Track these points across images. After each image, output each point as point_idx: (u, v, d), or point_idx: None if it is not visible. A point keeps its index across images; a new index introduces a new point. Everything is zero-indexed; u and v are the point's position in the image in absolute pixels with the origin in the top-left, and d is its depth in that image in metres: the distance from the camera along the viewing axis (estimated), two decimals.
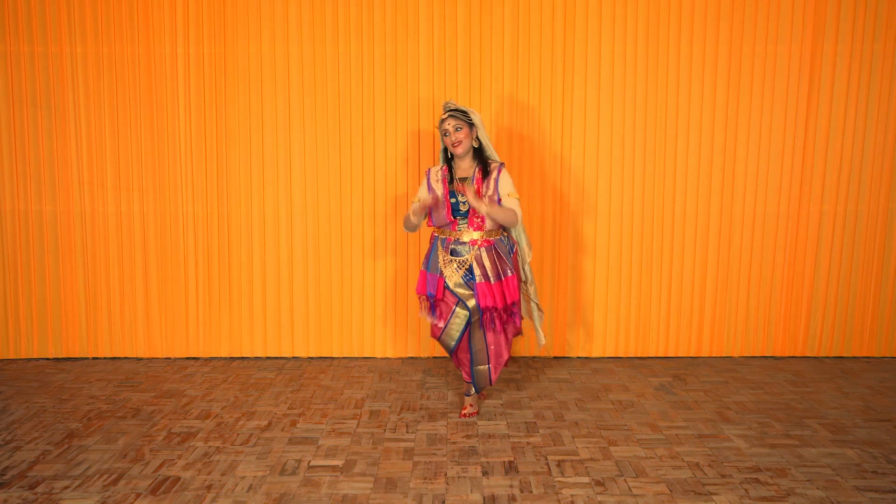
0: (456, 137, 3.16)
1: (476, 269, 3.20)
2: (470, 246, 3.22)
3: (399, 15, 4.09)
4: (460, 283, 3.22)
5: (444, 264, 3.25)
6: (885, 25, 4.09)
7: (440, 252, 3.27)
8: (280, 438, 3.08)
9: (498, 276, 3.21)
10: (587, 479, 2.67)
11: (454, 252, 3.24)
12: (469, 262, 3.21)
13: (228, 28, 4.10)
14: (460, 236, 3.22)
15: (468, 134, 3.18)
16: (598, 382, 3.88)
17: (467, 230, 3.22)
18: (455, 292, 3.23)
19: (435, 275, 3.27)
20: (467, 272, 3.22)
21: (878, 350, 4.37)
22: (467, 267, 3.21)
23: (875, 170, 4.21)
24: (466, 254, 3.22)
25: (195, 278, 4.26)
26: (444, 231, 3.28)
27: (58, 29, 4.08)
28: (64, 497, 2.53)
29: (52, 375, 3.98)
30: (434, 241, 3.33)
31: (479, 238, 3.21)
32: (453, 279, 3.23)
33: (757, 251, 4.27)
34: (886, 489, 2.60)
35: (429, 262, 3.31)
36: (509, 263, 3.26)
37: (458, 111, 3.16)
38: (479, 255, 3.21)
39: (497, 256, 3.23)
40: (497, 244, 3.25)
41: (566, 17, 4.10)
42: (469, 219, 3.21)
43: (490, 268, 3.20)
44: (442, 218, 3.23)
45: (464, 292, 3.23)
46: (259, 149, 4.18)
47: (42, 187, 4.18)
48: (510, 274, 3.24)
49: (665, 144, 4.18)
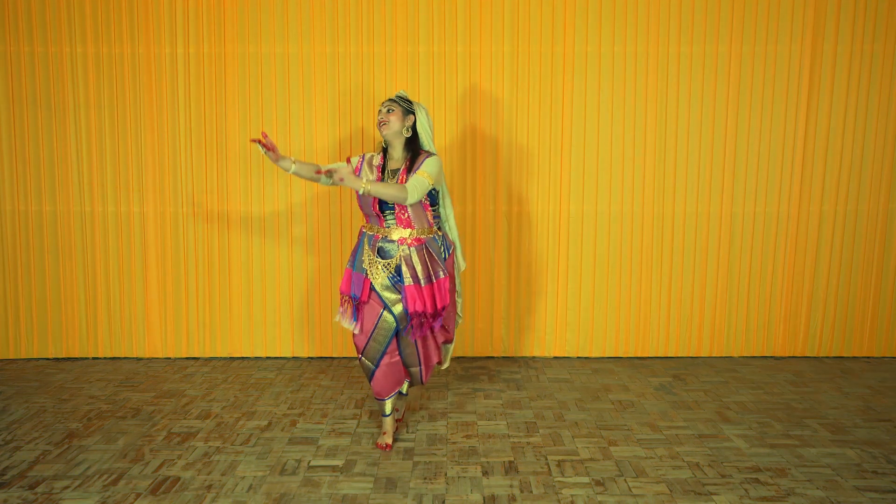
0: (384, 117, 2.93)
1: (404, 269, 2.93)
2: (398, 245, 2.95)
3: (399, 15, 4.09)
4: (387, 286, 2.96)
5: (369, 264, 2.97)
6: (885, 25, 4.09)
7: (366, 250, 3.00)
8: (280, 438, 3.08)
9: (429, 278, 2.95)
10: (587, 479, 2.67)
11: (381, 252, 2.97)
12: (396, 262, 2.95)
13: (227, 28, 4.10)
14: (389, 234, 2.96)
15: (400, 118, 2.93)
16: (598, 382, 3.88)
17: (396, 227, 2.95)
18: (381, 295, 2.97)
19: (360, 274, 2.99)
20: (394, 273, 2.95)
21: (878, 350, 4.37)
22: (394, 268, 2.96)
23: (875, 170, 4.21)
24: (394, 253, 2.95)
25: (195, 278, 4.26)
26: (371, 227, 3.02)
27: (58, 29, 4.08)
28: (64, 497, 2.53)
29: (52, 375, 3.98)
30: (361, 237, 3.06)
31: (409, 236, 2.95)
32: (379, 280, 2.95)
33: (757, 251, 4.28)
34: (886, 489, 2.60)
35: (354, 260, 3.03)
36: (441, 265, 2.99)
37: (399, 99, 2.98)
38: (408, 255, 2.94)
39: (428, 256, 2.97)
40: (429, 243, 2.98)
41: (566, 17, 4.10)
42: (396, 215, 2.93)
43: (420, 269, 2.93)
44: (367, 207, 2.95)
45: (390, 296, 2.96)
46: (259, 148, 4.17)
47: (42, 187, 4.18)
48: (442, 276, 2.98)
49: (665, 144, 4.18)
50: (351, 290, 3.01)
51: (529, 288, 4.29)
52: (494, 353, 4.35)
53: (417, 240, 2.97)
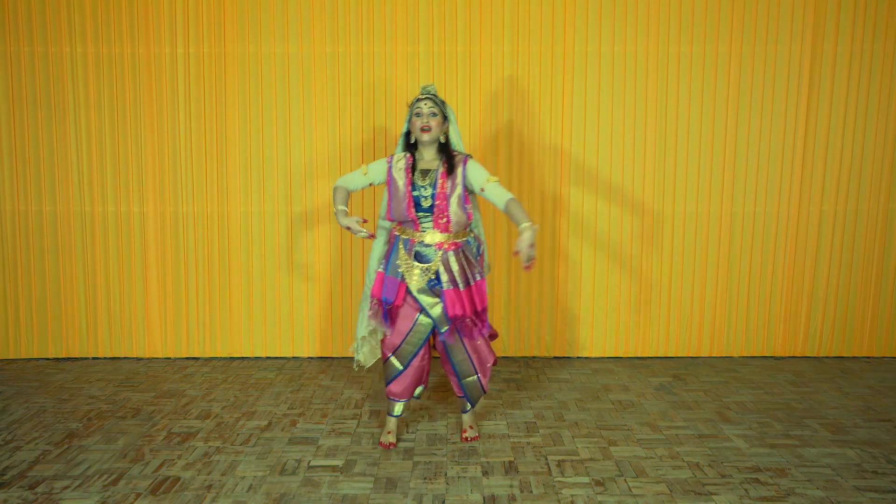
0: (428, 122, 2.85)
1: (443, 274, 2.88)
2: (436, 249, 2.90)
3: (399, 15, 4.09)
4: (424, 289, 2.91)
5: (406, 269, 2.92)
6: (885, 25, 4.09)
7: (402, 254, 2.93)
8: (280, 438, 3.08)
9: (467, 281, 2.91)
10: (587, 479, 2.67)
11: (419, 256, 2.92)
12: (435, 267, 2.90)
13: (227, 28, 4.10)
14: (424, 238, 2.91)
15: (440, 123, 2.88)
16: (598, 382, 3.88)
17: (431, 231, 2.91)
18: (418, 298, 2.92)
19: (395, 279, 2.93)
20: (433, 277, 2.91)
21: (878, 350, 4.37)
22: (432, 274, 2.91)
23: (875, 170, 4.21)
24: (433, 258, 2.90)
25: (195, 278, 4.26)
26: (405, 230, 2.96)
27: (58, 29, 4.08)
28: (64, 497, 2.53)
29: (52, 375, 3.98)
30: (395, 241, 2.98)
31: (446, 240, 2.91)
32: (415, 284, 2.91)
33: (757, 251, 4.28)
34: (886, 489, 2.60)
35: (388, 265, 2.97)
36: (478, 267, 2.99)
37: (436, 97, 2.90)
38: (446, 258, 2.90)
39: (465, 260, 2.93)
40: (464, 246, 2.95)
41: (566, 17, 4.10)
42: (434, 218, 2.90)
43: (458, 273, 2.89)
44: (402, 212, 2.90)
45: (427, 299, 2.91)
46: (259, 148, 4.18)
47: (42, 187, 4.18)
48: (479, 278, 2.96)
49: (665, 144, 4.18)
50: (383, 293, 2.95)
51: (529, 288, 4.28)
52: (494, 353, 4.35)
53: (454, 244, 2.93)
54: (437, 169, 2.91)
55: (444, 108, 2.92)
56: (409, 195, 2.88)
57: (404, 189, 2.89)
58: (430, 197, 2.87)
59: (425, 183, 2.88)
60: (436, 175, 2.89)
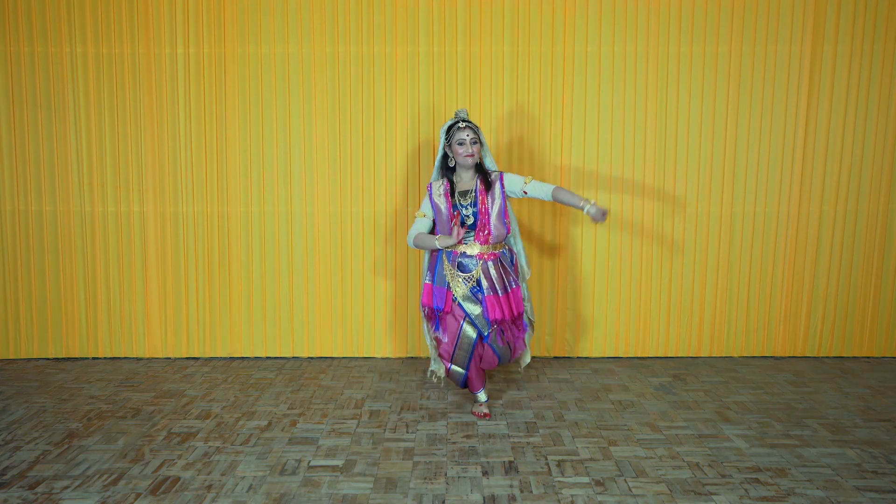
0: (473, 149, 3.19)
1: (484, 281, 3.22)
2: (477, 259, 3.24)
3: (399, 15, 4.09)
4: (468, 296, 3.23)
5: (451, 277, 3.24)
6: (885, 25, 4.09)
7: (446, 265, 3.27)
8: (280, 438, 3.08)
9: (505, 288, 3.25)
10: (587, 479, 2.67)
11: (462, 266, 3.25)
12: (477, 275, 3.22)
13: (227, 28, 4.10)
14: (466, 249, 3.24)
15: (479, 150, 3.23)
16: (598, 382, 3.88)
17: (473, 243, 3.24)
18: (462, 305, 3.23)
19: (442, 288, 3.27)
20: (475, 285, 3.23)
21: (878, 350, 4.37)
22: (474, 282, 3.23)
23: (875, 170, 4.21)
24: (474, 267, 3.24)
25: (195, 278, 4.26)
26: None
27: (58, 29, 4.08)
28: (64, 497, 2.53)
29: (52, 375, 3.98)
30: (439, 254, 3.32)
31: (486, 251, 3.24)
32: (461, 292, 3.23)
33: (757, 251, 4.28)
34: (886, 489, 2.60)
35: (434, 275, 3.31)
36: (513, 275, 3.32)
37: (472, 123, 3.21)
38: (486, 267, 3.23)
39: (503, 268, 3.27)
40: (501, 256, 3.30)
41: (566, 17, 4.10)
42: (476, 232, 3.24)
43: (497, 280, 3.23)
44: (446, 227, 3.25)
45: (471, 306, 3.23)
46: (258, 148, 4.18)
47: (42, 187, 4.18)
48: (515, 286, 3.30)
49: (665, 144, 4.18)
50: (433, 302, 3.29)
51: (529, 288, 4.28)
52: None
53: (493, 254, 3.26)
54: (475, 188, 3.25)
55: (479, 134, 3.24)
56: (451, 216, 3.23)
57: (446, 212, 3.25)
58: (472, 215, 3.22)
59: (466, 202, 3.24)
60: (475, 193, 3.24)
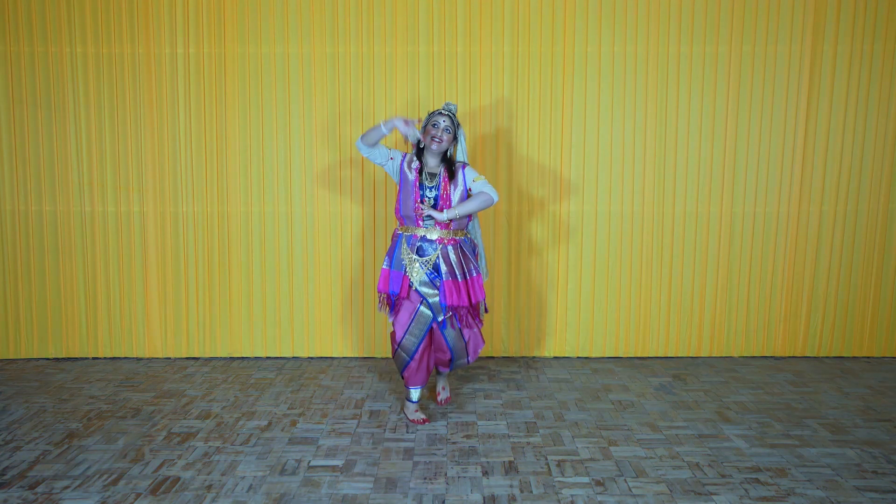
0: (441, 135, 3.16)
1: (442, 265, 3.18)
2: (437, 244, 3.20)
3: (399, 15, 4.09)
4: (425, 282, 3.20)
5: (408, 262, 3.20)
6: (884, 25, 4.09)
7: (404, 250, 3.22)
8: (280, 438, 3.08)
9: (464, 274, 3.21)
10: (587, 479, 2.67)
11: (420, 251, 3.21)
12: (434, 260, 3.19)
13: (227, 28, 4.10)
14: (426, 234, 3.20)
15: (451, 140, 3.21)
16: (598, 382, 3.88)
17: (433, 228, 3.19)
18: (420, 291, 3.21)
19: (399, 272, 3.23)
20: (432, 270, 3.20)
21: (878, 350, 4.37)
22: (432, 265, 3.19)
23: (875, 170, 4.21)
24: (432, 252, 3.20)
25: (195, 278, 4.26)
26: (408, 228, 3.24)
27: (58, 29, 4.08)
28: (64, 497, 2.53)
29: (52, 375, 3.98)
30: (398, 238, 3.27)
31: (446, 237, 3.21)
32: (418, 277, 3.19)
33: (757, 251, 4.28)
34: (886, 489, 2.60)
35: (392, 260, 3.27)
36: (474, 263, 3.28)
37: (454, 116, 3.22)
38: (445, 252, 3.20)
39: (462, 254, 3.23)
40: (462, 243, 3.26)
41: (566, 17, 4.10)
42: None
43: (457, 265, 3.20)
44: (409, 207, 3.19)
45: (429, 291, 3.21)
46: (258, 148, 4.18)
47: (42, 187, 4.18)
48: (475, 274, 3.26)
49: (665, 144, 4.18)
50: (389, 287, 3.27)
51: (529, 288, 4.29)
52: (494, 353, 4.35)
53: (453, 240, 3.23)
54: (440, 174, 3.24)
55: (457, 130, 3.24)
56: (417, 192, 3.20)
57: (412, 185, 3.20)
58: (434, 197, 3.20)
59: (432, 184, 3.22)
60: (439, 178, 3.22)
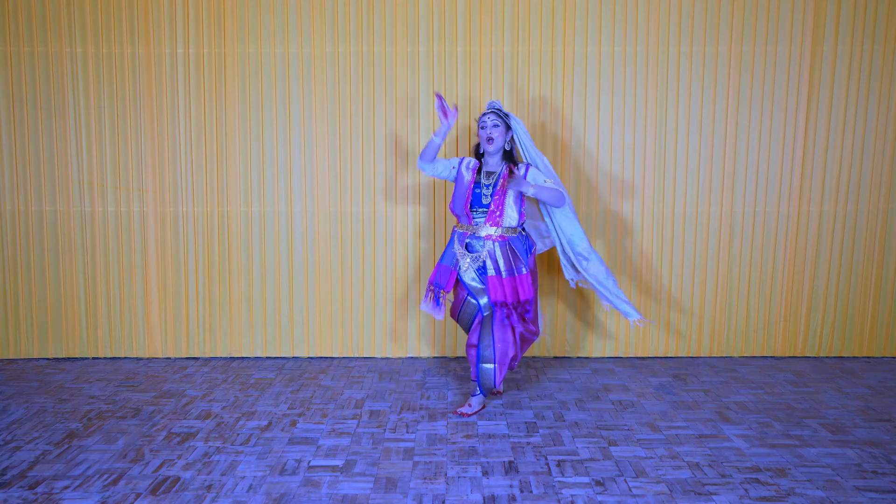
0: (491, 132, 3.28)
1: (489, 263, 3.28)
2: (485, 241, 3.30)
3: (399, 15, 4.09)
4: (474, 277, 3.34)
5: (460, 256, 3.35)
6: (884, 25, 4.10)
7: (456, 244, 3.37)
8: (280, 438, 3.08)
9: (511, 272, 3.28)
10: (587, 479, 2.67)
11: (469, 247, 3.35)
12: (483, 258, 3.30)
13: (227, 28, 4.10)
14: (477, 231, 3.31)
15: (503, 133, 3.30)
16: (598, 382, 3.88)
17: (484, 225, 3.30)
18: (469, 286, 3.35)
19: (448, 267, 3.37)
20: (480, 267, 3.31)
21: (878, 350, 4.37)
22: (481, 262, 3.30)
23: (875, 170, 4.21)
24: (481, 249, 3.31)
25: (195, 278, 4.26)
26: (461, 224, 3.38)
27: (58, 29, 4.08)
28: (64, 497, 2.53)
29: (52, 375, 3.98)
30: (454, 234, 3.41)
31: (495, 233, 3.29)
32: (468, 273, 3.33)
33: (757, 251, 4.28)
34: (886, 489, 2.60)
35: (445, 254, 3.41)
36: (524, 261, 3.31)
37: (499, 111, 3.32)
38: (492, 249, 3.29)
39: (511, 253, 3.30)
40: (513, 241, 3.31)
41: (565, 17, 4.10)
42: (488, 213, 3.29)
43: (503, 263, 3.27)
44: (460, 206, 3.33)
45: (477, 286, 3.34)
46: (259, 149, 4.18)
47: (42, 187, 4.18)
48: (524, 272, 3.30)
49: (665, 144, 4.18)
50: (436, 279, 3.40)
51: None
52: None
53: (502, 237, 3.31)
54: (500, 172, 3.33)
55: (507, 119, 3.33)
56: (470, 192, 3.32)
57: (467, 185, 3.32)
58: (489, 195, 3.30)
59: (489, 182, 3.32)
60: (497, 176, 3.32)
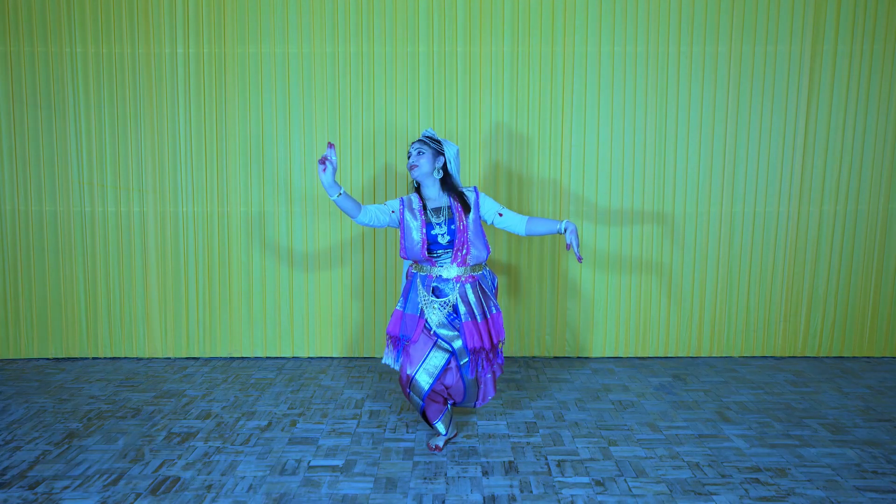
0: (414, 160, 2.91)
1: (461, 306, 2.91)
2: (454, 283, 2.93)
3: (399, 15, 4.09)
4: (444, 323, 2.91)
5: (425, 304, 2.92)
6: (884, 25, 4.09)
7: (420, 291, 2.95)
8: (280, 438, 3.08)
9: (483, 313, 2.95)
10: (587, 479, 2.67)
11: (437, 291, 2.95)
12: (453, 301, 2.92)
13: (228, 28, 4.10)
14: (442, 273, 2.93)
15: (430, 160, 2.91)
16: (598, 382, 3.88)
17: (449, 266, 2.93)
18: (438, 333, 2.91)
19: (414, 315, 2.95)
20: (451, 311, 2.92)
21: (878, 350, 4.37)
22: (450, 308, 2.92)
23: (875, 170, 4.21)
24: (451, 292, 2.93)
25: (195, 278, 4.26)
26: (422, 268, 2.98)
27: (58, 29, 4.08)
28: (64, 497, 2.53)
29: (52, 375, 3.98)
30: (412, 279, 3.01)
31: (463, 273, 2.93)
32: (435, 319, 2.91)
33: (757, 251, 4.28)
34: (886, 489, 2.60)
35: (406, 302, 2.99)
36: (493, 300, 3.02)
37: (429, 138, 2.96)
38: (464, 291, 2.93)
39: (482, 292, 2.98)
40: (480, 279, 3.00)
41: (565, 17, 4.10)
42: (453, 252, 2.92)
43: (476, 304, 2.93)
44: (416, 252, 2.93)
45: (448, 333, 2.90)
46: (258, 149, 4.18)
47: (42, 187, 4.18)
48: (495, 311, 3.00)
49: (665, 144, 4.18)
50: (400, 331, 2.97)
51: (529, 288, 4.29)
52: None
53: (471, 276, 2.96)
54: (449, 205, 2.96)
55: (435, 146, 2.95)
56: (425, 236, 2.91)
57: (419, 231, 2.92)
58: (447, 233, 2.91)
59: (440, 220, 2.93)
60: (451, 210, 2.95)
